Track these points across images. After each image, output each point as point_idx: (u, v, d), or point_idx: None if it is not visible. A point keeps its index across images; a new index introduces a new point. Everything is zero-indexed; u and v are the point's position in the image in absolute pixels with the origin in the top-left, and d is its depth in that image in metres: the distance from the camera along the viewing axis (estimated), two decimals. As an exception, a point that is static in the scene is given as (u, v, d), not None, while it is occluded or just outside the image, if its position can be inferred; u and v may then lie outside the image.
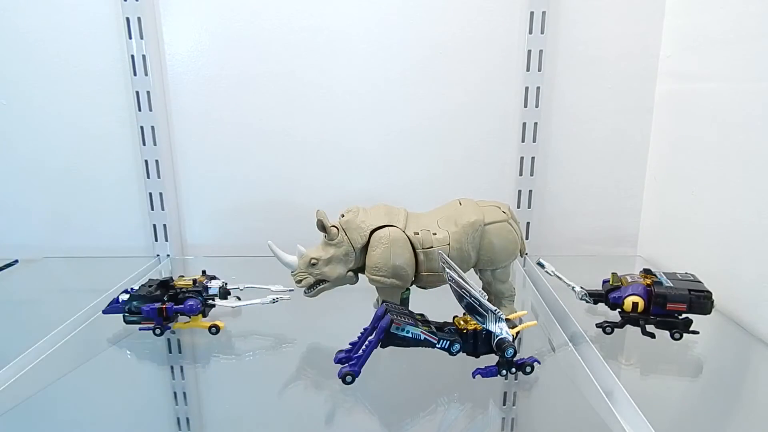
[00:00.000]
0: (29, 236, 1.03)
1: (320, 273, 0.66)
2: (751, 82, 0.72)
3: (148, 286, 0.70)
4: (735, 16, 0.75)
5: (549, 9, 0.90)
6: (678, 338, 0.65)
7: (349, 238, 0.65)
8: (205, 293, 0.71)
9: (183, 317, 0.71)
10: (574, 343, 0.66)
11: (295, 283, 0.68)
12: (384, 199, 0.72)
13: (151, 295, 0.69)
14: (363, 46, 0.95)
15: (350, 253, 0.66)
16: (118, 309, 0.69)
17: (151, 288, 0.69)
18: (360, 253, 0.66)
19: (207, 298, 0.71)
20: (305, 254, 0.66)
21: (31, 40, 0.94)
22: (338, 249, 0.66)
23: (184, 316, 0.70)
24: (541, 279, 0.85)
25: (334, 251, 0.66)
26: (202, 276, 0.73)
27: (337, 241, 0.65)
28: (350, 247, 0.66)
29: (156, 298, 0.69)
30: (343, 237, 0.65)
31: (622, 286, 0.68)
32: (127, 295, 0.69)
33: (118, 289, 0.80)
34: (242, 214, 1.03)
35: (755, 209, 0.71)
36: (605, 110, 0.97)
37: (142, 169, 0.97)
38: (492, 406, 0.56)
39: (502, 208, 0.69)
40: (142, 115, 0.95)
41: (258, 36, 0.94)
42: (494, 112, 0.97)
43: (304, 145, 0.99)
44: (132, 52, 0.92)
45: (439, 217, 0.68)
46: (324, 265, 0.66)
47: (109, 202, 1.01)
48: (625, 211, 1.02)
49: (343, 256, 0.66)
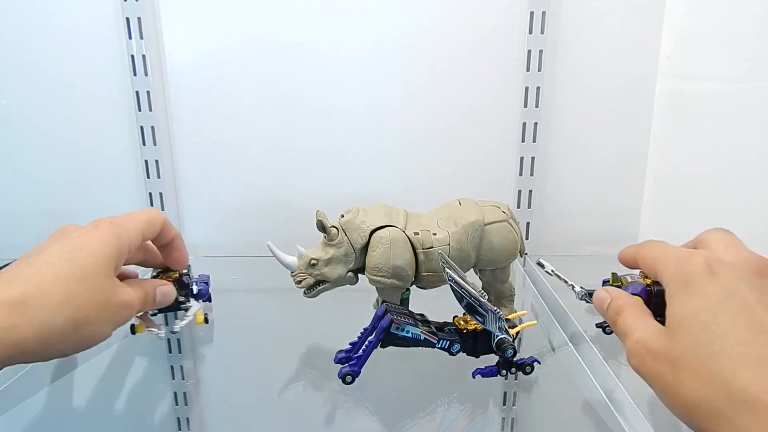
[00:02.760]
0: (29, 236, 1.03)
1: (320, 274, 0.66)
2: (751, 82, 0.72)
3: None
4: (735, 16, 0.75)
5: (549, 9, 0.90)
6: None
7: (349, 239, 0.65)
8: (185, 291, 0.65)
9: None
10: (574, 343, 0.66)
11: (294, 285, 0.67)
12: (384, 199, 0.72)
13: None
14: (363, 45, 0.95)
15: (350, 253, 0.65)
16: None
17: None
18: (360, 254, 0.66)
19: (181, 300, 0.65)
20: (305, 255, 0.66)
21: (30, 40, 0.94)
22: (338, 249, 0.65)
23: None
24: (541, 279, 0.85)
25: (334, 252, 0.65)
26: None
27: (336, 242, 0.65)
28: (350, 248, 0.65)
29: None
30: (343, 237, 0.65)
31: (622, 285, 0.68)
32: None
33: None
34: (242, 214, 1.03)
35: (756, 209, 0.71)
36: (605, 110, 0.97)
37: (142, 169, 0.97)
38: (492, 406, 0.56)
39: (501, 208, 0.69)
40: (142, 115, 0.95)
41: (258, 36, 0.94)
42: (494, 112, 0.97)
43: (304, 145, 0.99)
44: (132, 52, 0.92)
45: (438, 217, 0.68)
46: (324, 265, 0.66)
47: (109, 202, 1.01)
48: (625, 211, 1.02)
49: (343, 257, 0.66)
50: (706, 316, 0.33)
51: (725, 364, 0.31)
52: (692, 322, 0.34)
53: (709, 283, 0.35)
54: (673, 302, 0.36)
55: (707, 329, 0.32)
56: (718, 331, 0.32)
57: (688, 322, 0.34)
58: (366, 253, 0.66)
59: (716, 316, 0.33)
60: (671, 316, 0.36)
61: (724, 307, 0.33)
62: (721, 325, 0.32)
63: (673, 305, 0.36)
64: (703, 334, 0.32)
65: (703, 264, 0.36)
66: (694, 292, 0.35)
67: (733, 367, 0.31)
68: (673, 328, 0.35)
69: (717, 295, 0.34)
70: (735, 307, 0.33)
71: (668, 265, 0.38)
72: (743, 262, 0.37)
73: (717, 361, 0.31)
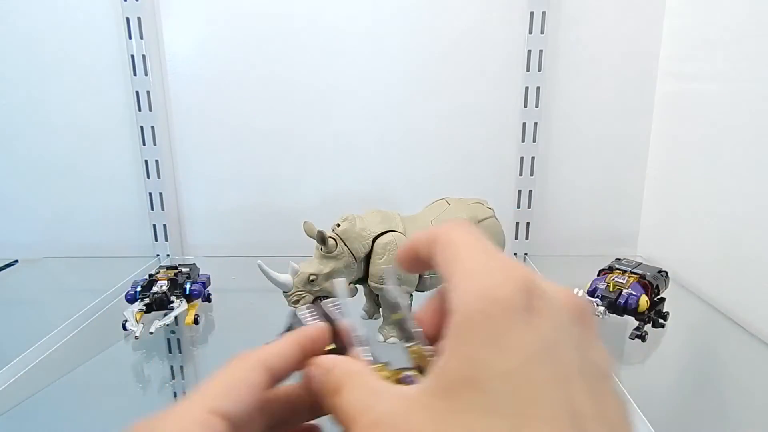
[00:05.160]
0: (29, 236, 1.03)
1: (321, 290, 0.62)
2: (751, 82, 0.72)
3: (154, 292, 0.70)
4: (735, 16, 0.75)
5: (549, 9, 0.90)
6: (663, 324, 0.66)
7: (350, 249, 0.62)
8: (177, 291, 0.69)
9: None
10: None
11: (289, 305, 0.62)
12: (384, 200, 0.72)
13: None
14: (363, 47, 0.95)
15: (351, 264, 0.62)
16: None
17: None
18: (362, 263, 0.63)
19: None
20: (301, 272, 0.61)
21: (31, 40, 0.94)
22: (338, 261, 0.61)
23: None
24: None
25: (334, 264, 0.61)
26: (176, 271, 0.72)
27: (336, 253, 0.61)
28: (351, 258, 0.62)
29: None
30: (342, 248, 0.61)
31: (622, 291, 0.67)
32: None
33: (118, 289, 0.80)
34: (242, 214, 1.03)
35: (755, 209, 0.71)
36: (605, 110, 0.97)
37: (142, 169, 0.97)
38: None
39: (485, 204, 0.70)
40: (142, 115, 0.95)
41: (258, 36, 0.94)
42: (494, 112, 0.97)
43: (304, 145, 0.99)
44: (132, 52, 0.92)
45: (431, 217, 0.68)
46: (324, 280, 0.61)
47: (109, 202, 1.01)
48: (625, 211, 1.02)
49: (344, 269, 0.62)
50: (516, 379, 0.19)
51: None
52: (489, 384, 0.19)
53: (525, 325, 0.20)
54: (458, 343, 0.20)
55: (514, 401, 0.19)
56: (527, 409, 0.18)
57: (483, 383, 0.19)
58: (367, 261, 0.63)
59: (528, 381, 0.19)
60: (448, 369, 0.20)
61: (538, 369, 0.19)
62: (530, 399, 0.19)
63: (457, 348, 0.20)
64: (506, 409, 0.18)
65: (521, 292, 0.20)
66: (500, 336, 0.19)
67: None
68: (452, 390, 0.19)
69: (532, 348, 0.19)
70: (551, 372, 0.19)
71: (468, 278, 0.21)
72: (564, 298, 0.22)
73: None
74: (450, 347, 0.20)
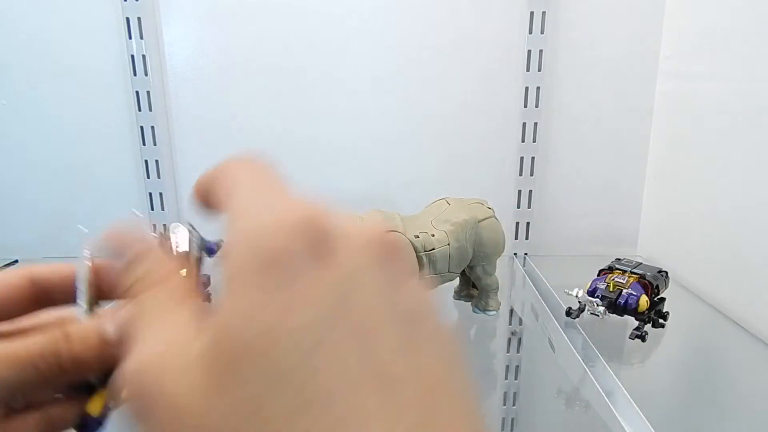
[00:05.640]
0: (29, 236, 1.03)
1: None
2: (751, 82, 0.72)
3: None
4: (735, 16, 0.75)
5: (549, 9, 0.90)
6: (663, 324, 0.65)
7: None
8: None
9: None
10: (573, 342, 0.66)
11: None
12: (384, 200, 0.72)
13: None
14: (363, 47, 0.95)
15: None
16: None
17: None
18: None
19: None
20: None
21: (31, 41, 0.94)
22: None
23: None
24: (541, 279, 0.85)
25: None
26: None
27: None
28: None
29: None
30: None
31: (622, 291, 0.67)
32: None
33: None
34: (242, 214, 1.02)
35: (756, 209, 0.71)
36: (605, 110, 0.97)
37: (142, 169, 0.97)
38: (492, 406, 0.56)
39: (485, 204, 0.70)
40: (142, 115, 0.95)
41: (258, 36, 0.94)
42: (494, 112, 0.97)
43: (303, 145, 0.99)
44: (132, 52, 0.92)
45: (431, 218, 0.68)
46: None
47: (109, 202, 1.01)
48: (625, 211, 1.02)
49: None
50: (304, 342, 0.15)
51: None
52: (273, 351, 0.15)
53: (308, 276, 0.16)
54: (234, 300, 0.16)
55: (303, 372, 0.15)
56: (321, 378, 0.15)
57: (264, 350, 0.15)
58: None
59: (318, 344, 0.15)
60: (227, 330, 0.16)
61: (330, 328, 0.16)
62: (324, 366, 0.15)
63: (233, 307, 0.16)
64: (294, 382, 0.15)
65: (300, 236, 0.17)
66: (277, 291, 0.16)
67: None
68: (233, 358, 0.15)
69: (320, 303, 0.16)
70: (348, 328, 0.16)
71: (238, 220, 0.18)
72: (362, 235, 0.18)
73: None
74: (226, 305, 0.16)
